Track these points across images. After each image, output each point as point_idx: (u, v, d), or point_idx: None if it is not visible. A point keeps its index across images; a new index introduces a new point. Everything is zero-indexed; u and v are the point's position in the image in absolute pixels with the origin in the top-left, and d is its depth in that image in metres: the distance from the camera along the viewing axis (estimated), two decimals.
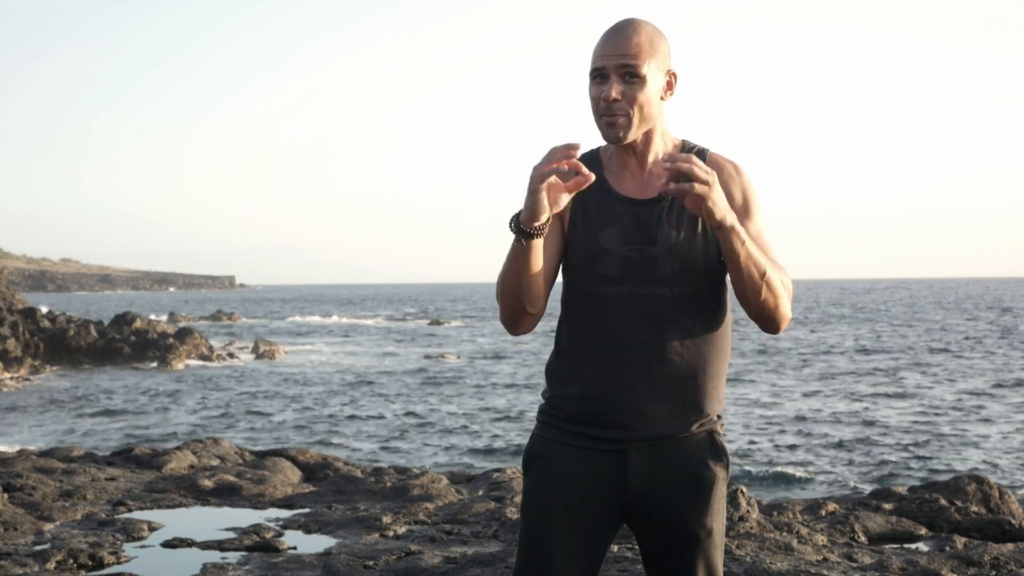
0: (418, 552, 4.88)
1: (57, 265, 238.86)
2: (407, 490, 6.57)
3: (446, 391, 26.65)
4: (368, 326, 63.86)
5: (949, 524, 5.81)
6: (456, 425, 20.24)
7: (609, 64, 2.15)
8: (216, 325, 62.52)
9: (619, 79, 2.15)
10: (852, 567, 4.63)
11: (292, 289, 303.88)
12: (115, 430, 20.24)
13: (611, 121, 2.17)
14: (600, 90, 2.17)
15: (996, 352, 35.82)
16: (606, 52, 2.16)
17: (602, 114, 2.17)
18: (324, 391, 27.00)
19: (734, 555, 4.64)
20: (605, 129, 2.19)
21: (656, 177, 2.26)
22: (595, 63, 2.18)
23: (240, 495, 6.57)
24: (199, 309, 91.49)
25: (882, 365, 31.45)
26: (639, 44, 2.16)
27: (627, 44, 2.15)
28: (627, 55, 2.14)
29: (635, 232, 2.21)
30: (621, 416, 2.20)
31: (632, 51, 2.15)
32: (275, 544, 5.15)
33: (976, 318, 60.98)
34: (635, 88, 2.15)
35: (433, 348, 43.17)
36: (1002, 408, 21.36)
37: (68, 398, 25.08)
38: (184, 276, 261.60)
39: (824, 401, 22.78)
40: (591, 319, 2.23)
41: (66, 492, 6.44)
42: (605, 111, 2.17)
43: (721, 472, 2.26)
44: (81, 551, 4.84)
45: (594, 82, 2.19)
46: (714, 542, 2.24)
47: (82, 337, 32.31)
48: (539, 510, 2.25)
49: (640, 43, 2.16)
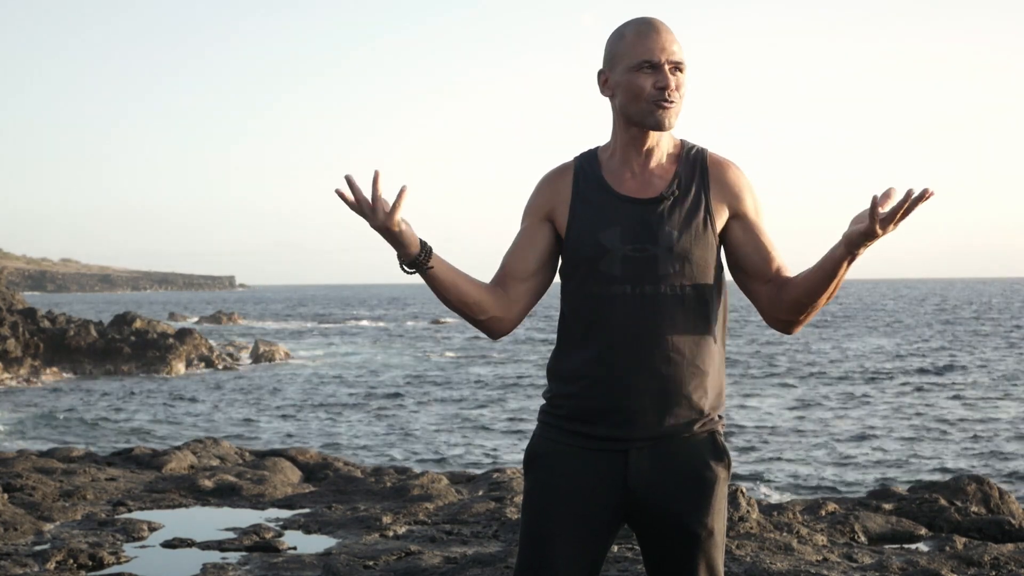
0: (418, 552, 4.88)
1: (57, 265, 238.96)
2: (407, 490, 6.57)
3: (446, 391, 26.64)
4: (368, 326, 63.86)
5: (949, 524, 5.80)
6: (456, 425, 20.24)
7: (661, 57, 2.21)
8: (216, 325, 62.52)
9: (670, 71, 2.22)
10: (852, 567, 4.63)
11: (292, 289, 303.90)
12: (115, 430, 20.24)
13: (666, 108, 2.22)
14: (653, 79, 2.21)
15: (996, 351, 35.83)
16: (656, 46, 2.22)
17: (655, 101, 2.21)
18: (324, 391, 27.00)
19: (734, 555, 4.64)
20: (658, 114, 2.22)
21: (657, 176, 2.27)
22: (644, 56, 2.21)
23: (240, 495, 6.57)
24: (199, 309, 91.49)
25: (882, 365, 31.45)
26: (678, 40, 2.25)
27: (671, 39, 2.24)
28: (674, 50, 2.23)
29: (636, 231, 2.22)
30: (622, 416, 2.21)
31: (677, 46, 2.24)
32: (275, 544, 5.15)
33: (979, 317, 60.99)
34: (681, 79, 2.24)
35: (433, 348, 43.17)
36: (1002, 408, 21.36)
37: (68, 398, 25.08)
38: (184, 276, 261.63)
39: (824, 401, 22.78)
40: (592, 319, 2.23)
41: (66, 492, 6.44)
42: (660, 99, 2.21)
43: (722, 472, 2.26)
44: (81, 551, 4.84)
45: (641, 73, 2.22)
46: (715, 542, 2.24)
47: (82, 337, 32.29)
48: (540, 510, 2.25)
49: (678, 41, 2.25)
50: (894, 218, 2.00)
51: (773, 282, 2.24)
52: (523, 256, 2.31)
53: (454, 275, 2.24)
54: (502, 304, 2.29)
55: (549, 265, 2.33)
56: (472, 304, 2.26)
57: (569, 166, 2.35)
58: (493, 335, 2.33)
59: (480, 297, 2.26)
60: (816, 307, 2.19)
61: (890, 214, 2.00)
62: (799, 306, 2.19)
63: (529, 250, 2.31)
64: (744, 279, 2.29)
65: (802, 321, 2.23)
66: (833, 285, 2.14)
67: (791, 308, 2.21)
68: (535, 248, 2.31)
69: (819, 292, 2.15)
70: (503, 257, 2.34)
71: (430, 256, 2.18)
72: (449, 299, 2.24)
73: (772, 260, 2.25)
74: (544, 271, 2.33)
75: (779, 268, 2.25)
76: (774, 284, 2.24)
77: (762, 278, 2.25)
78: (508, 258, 2.33)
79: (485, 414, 21.91)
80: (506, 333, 2.34)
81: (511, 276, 2.31)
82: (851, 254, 2.08)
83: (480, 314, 2.27)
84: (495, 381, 28.98)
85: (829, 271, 2.12)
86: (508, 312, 2.30)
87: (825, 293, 2.16)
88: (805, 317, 2.22)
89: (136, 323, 34.82)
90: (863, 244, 2.05)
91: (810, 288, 2.16)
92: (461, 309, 2.26)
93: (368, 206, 2.11)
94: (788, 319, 2.23)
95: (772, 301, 2.24)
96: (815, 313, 2.22)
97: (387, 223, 2.10)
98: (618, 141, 2.30)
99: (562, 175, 2.33)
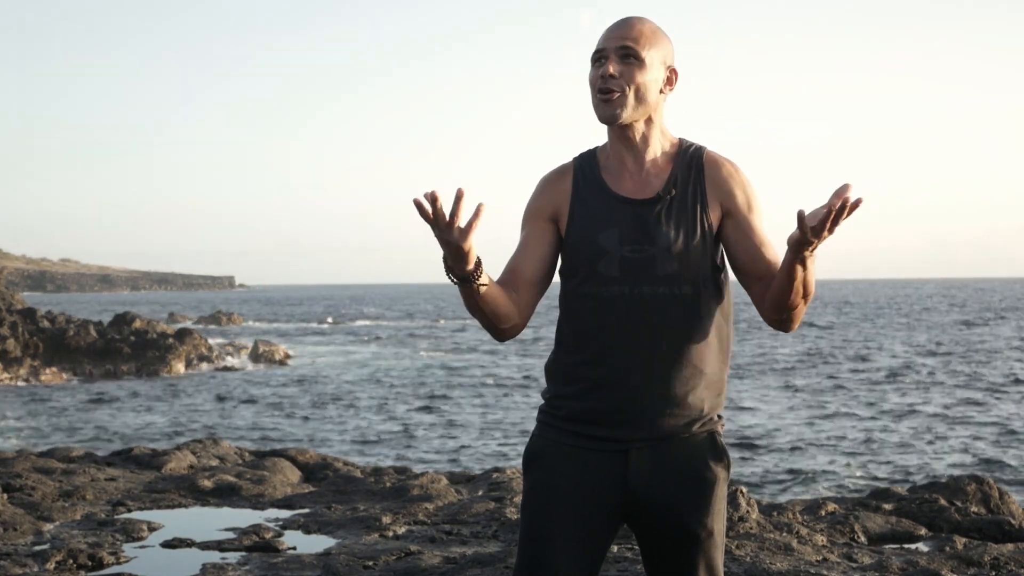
0: (418, 552, 4.88)
1: (56, 265, 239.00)
2: (407, 490, 6.56)
3: (446, 391, 26.63)
4: (368, 326, 63.84)
5: (949, 524, 5.80)
6: (456, 425, 20.23)
7: (610, 46, 2.20)
8: (215, 326, 62.49)
9: (618, 60, 2.19)
10: (852, 567, 4.63)
11: (292, 289, 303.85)
12: (114, 431, 20.23)
13: (606, 97, 2.19)
14: (599, 69, 2.20)
15: (996, 353, 35.82)
16: (608, 35, 2.22)
17: (598, 91, 2.20)
18: (324, 391, 26.99)
19: (734, 555, 4.64)
20: (601, 107, 2.21)
21: (654, 176, 2.26)
22: (596, 47, 2.23)
23: (240, 495, 6.56)
24: (198, 310, 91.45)
25: (882, 365, 31.45)
26: (640, 31, 2.21)
27: (629, 29, 2.21)
28: (627, 38, 2.20)
29: (634, 232, 2.21)
30: (621, 416, 2.20)
31: (633, 35, 2.20)
32: (275, 544, 5.14)
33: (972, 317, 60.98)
34: (633, 68, 2.19)
35: (433, 348, 43.16)
36: (1002, 407, 21.35)
37: (68, 399, 25.07)
38: (184, 276, 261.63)
39: (824, 401, 22.77)
40: (591, 320, 2.23)
41: (66, 492, 6.43)
42: (601, 87, 2.19)
43: (722, 472, 2.26)
44: (81, 551, 4.84)
45: (594, 65, 2.22)
46: (715, 542, 2.23)
47: (82, 337, 32.28)
48: (539, 510, 2.25)
49: (642, 30, 2.21)
50: (823, 229, 1.97)
51: (763, 280, 2.22)
52: (533, 259, 2.28)
53: (495, 290, 2.19)
54: (519, 310, 2.27)
55: (555, 266, 2.32)
56: (502, 316, 2.23)
57: (568, 167, 2.34)
58: (504, 338, 2.31)
59: (509, 309, 2.23)
60: (793, 306, 2.15)
61: (818, 225, 1.96)
62: (778, 305, 2.17)
63: (537, 253, 2.29)
64: (740, 277, 2.28)
65: (790, 320, 2.19)
66: (796, 286, 2.10)
67: (772, 307, 2.19)
68: (542, 251, 2.29)
69: (786, 293, 2.12)
70: (510, 261, 2.31)
71: (481, 272, 2.14)
72: (484, 311, 2.20)
73: (761, 258, 2.23)
74: (551, 272, 2.32)
75: (769, 266, 2.22)
76: (764, 283, 2.22)
77: (753, 276, 2.24)
78: (517, 262, 2.29)
79: (485, 414, 21.90)
80: (515, 336, 2.33)
81: (522, 281, 2.27)
82: (797, 258, 2.05)
83: (505, 323, 2.25)
84: (495, 381, 28.96)
85: (786, 273, 2.09)
86: (522, 317, 2.28)
87: (791, 294, 2.12)
88: (789, 316, 2.18)
89: (136, 323, 34.80)
90: (803, 250, 2.02)
91: (777, 289, 2.14)
92: (489, 319, 2.22)
93: (444, 222, 2.03)
94: (775, 318, 2.21)
95: (761, 300, 2.23)
96: (800, 311, 2.18)
97: (460, 241, 2.05)
98: (609, 140, 2.30)
99: (562, 176, 2.33)
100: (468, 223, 2.04)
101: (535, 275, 2.28)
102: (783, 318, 2.20)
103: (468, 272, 2.10)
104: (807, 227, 1.98)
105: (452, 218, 2.02)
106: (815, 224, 1.97)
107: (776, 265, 2.22)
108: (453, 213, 2.02)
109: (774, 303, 2.17)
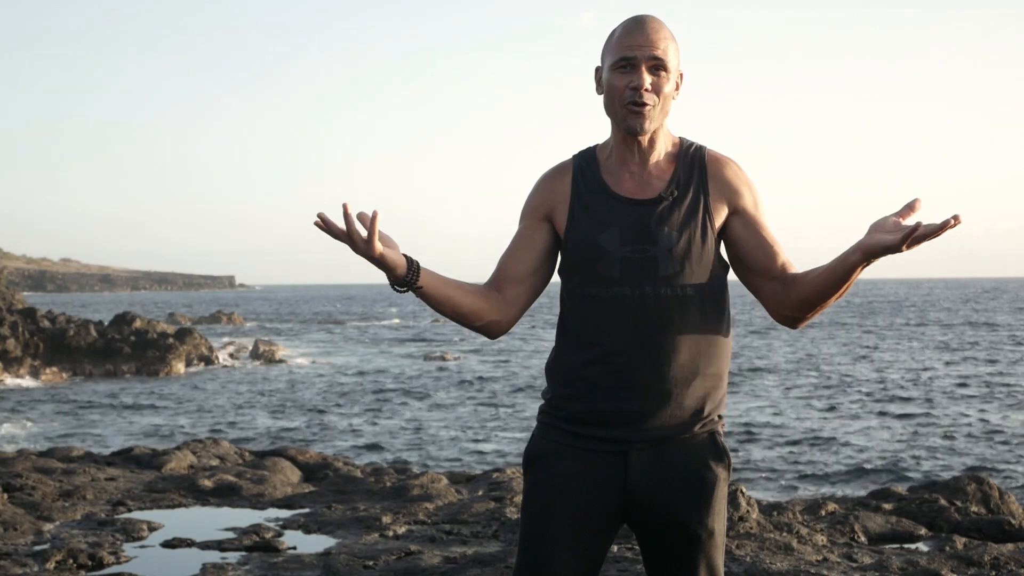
0: (418, 552, 4.88)
1: (57, 265, 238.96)
2: (407, 490, 6.57)
3: (446, 391, 26.64)
4: (369, 325, 63.84)
5: (949, 524, 5.80)
6: (456, 425, 20.23)
7: (640, 55, 2.16)
8: (216, 325, 62.50)
9: (648, 70, 2.17)
10: (852, 567, 4.63)
11: (292, 289, 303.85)
12: (115, 430, 20.23)
13: (638, 111, 2.17)
14: (628, 79, 2.17)
15: (998, 351, 35.82)
16: (635, 43, 2.17)
17: (628, 103, 2.17)
18: (324, 391, 26.99)
19: (734, 555, 4.64)
20: (629, 119, 2.19)
21: (656, 176, 2.25)
22: (622, 53, 2.18)
23: (240, 495, 6.57)
24: (199, 309, 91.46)
25: (883, 365, 31.44)
26: (666, 38, 2.19)
27: (656, 37, 2.18)
28: (657, 47, 2.17)
29: (635, 233, 2.20)
30: (622, 416, 2.20)
31: (661, 44, 2.17)
32: (275, 544, 5.15)
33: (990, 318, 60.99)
34: (662, 80, 2.18)
35: (434, 348, 43.16)
36: (1003, 407, 21.35)
37: (68, 399, 25.07)
38: (184, 276, 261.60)
39: (824, 401, 22.77)
40: (592, 320, 2.22)
41: (66, 492, 6.44)
42: (633, 100, 2.17)
43: (722, 473, 2.25)
44: (81, 551, 4.84)
45: (619, 71, 2.18)
46: (715, 543, 2.23)
47: (82, 337, 32.27)
48: (539, 511, 2.25)
49: (666, 37, 2.19)
50: (922, 240, 1.96)
51: (778, 279, 2.22)
52: (519, 258, 2.30)
53: (445, 288, 2.22)
54: (498, 308, 2.28)
55: (547, 265, 2.32)
56: (468, 314, 2.26)
57: (568, 166, 2.33)
58: (491, 336, 2.33)
59: (474, 306, 2.25)
60: (824, 306, 2.18)
61: (920, 237, 1.95)
62: (806, 304, 2.18)
63: (526, 252, 2.30)
64: (748, 275, 2.27)
65: (808, 317, 2.22)
66: (844, 288, 2.12)
67: (798, 306, 2.19)
68: (532, 249, 2.30)
69: (829, 294, 2.14)
70: (499, 259, 2.33)
71: (418, 275, 2.17)
72: (444, 311, 2.25)
73: (777, 256, 2.23)
74: (542, 271, 2.32)
75: (784, 264, 2.23)
76: (779, 281, 2.22)
77: (767, 274, 2.24)
78: (504, 261, 2.31)
79: (485, 414, 21.90)
80: (504, 333, 2.34)
81: (507, 279, 2.30)
82: (867, 261, 2.05)
83: (476, 321, 2.27)
84: (495, 380, 28.96)
85: (842, 275, 2.10)
86: (505, 315, 2.29)
87: (835, 295, 2.14)
88: (812, 314, 2.21)
89: (136, 323, 34.79)
90: (882, 256, 2.02)
91: (820, 289, 2.14)
92: (457, 319, 2.27)
93: (346, 238, 2.08)
94: (795, 316, 2.22)
95: (778, 298, 2.22)
96: (823, 310, 2.20)
97: (369, 252, 2.09)
98: (613, 140, 2.28)
99: (561, 175, 2.32)
100: (368, 232, 2.07)
101: (521, 273, 2.29)
102: (805, 316, 2.21)
103: (401, 277, 2.14)
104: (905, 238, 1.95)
105: (350, 233, 2.06)
106: (899, 237, 1.96)
107: (788, 263, 2.23)
108: (349, 230, 2.06)
109: (805, 301, 2.18)
